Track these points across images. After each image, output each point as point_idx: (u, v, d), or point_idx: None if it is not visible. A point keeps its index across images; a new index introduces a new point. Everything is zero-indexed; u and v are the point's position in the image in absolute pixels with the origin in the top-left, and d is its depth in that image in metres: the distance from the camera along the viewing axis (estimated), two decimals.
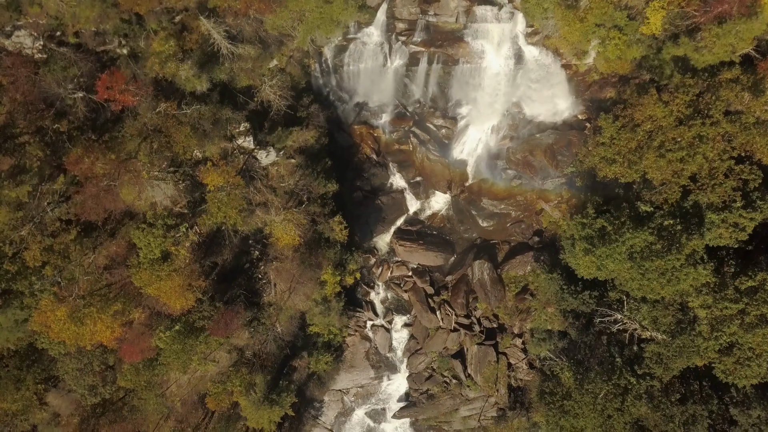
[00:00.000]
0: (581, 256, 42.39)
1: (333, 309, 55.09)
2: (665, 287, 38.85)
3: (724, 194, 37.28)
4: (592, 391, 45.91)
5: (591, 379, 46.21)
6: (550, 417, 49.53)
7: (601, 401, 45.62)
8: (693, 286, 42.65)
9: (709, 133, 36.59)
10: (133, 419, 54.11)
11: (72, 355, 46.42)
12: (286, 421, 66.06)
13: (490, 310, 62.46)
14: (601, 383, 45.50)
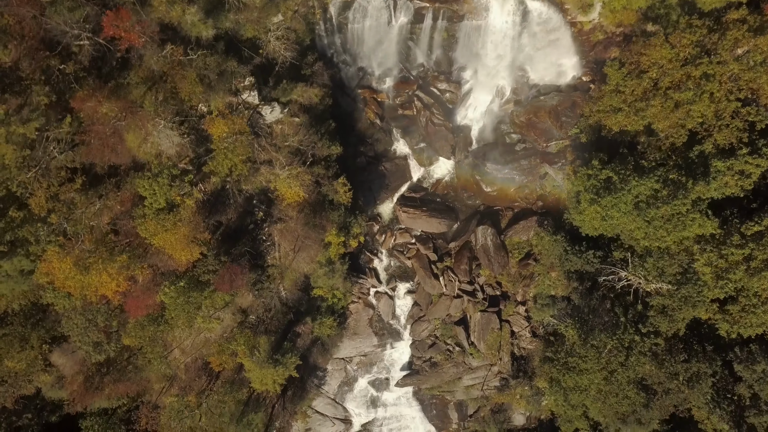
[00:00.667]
0: (586, 207, 42.35)
1: (337, 271, 55.11)
2: (671, 233, 38.86)
3: (731, 135, 37.30)
4: (596, 346, 46.00)
5: (595, 335, 46.24)
6: (554, 375, 49.53)
7: (606, 357, 45.67)
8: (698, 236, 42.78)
9: (716, 71, 36.57)
10: (137, 380, 54.22)
11: (77, 310, 46.44)
12: (290, 388, 66.31)
13: (493, 276, 62.46)
14: (605, 338, 45.55)
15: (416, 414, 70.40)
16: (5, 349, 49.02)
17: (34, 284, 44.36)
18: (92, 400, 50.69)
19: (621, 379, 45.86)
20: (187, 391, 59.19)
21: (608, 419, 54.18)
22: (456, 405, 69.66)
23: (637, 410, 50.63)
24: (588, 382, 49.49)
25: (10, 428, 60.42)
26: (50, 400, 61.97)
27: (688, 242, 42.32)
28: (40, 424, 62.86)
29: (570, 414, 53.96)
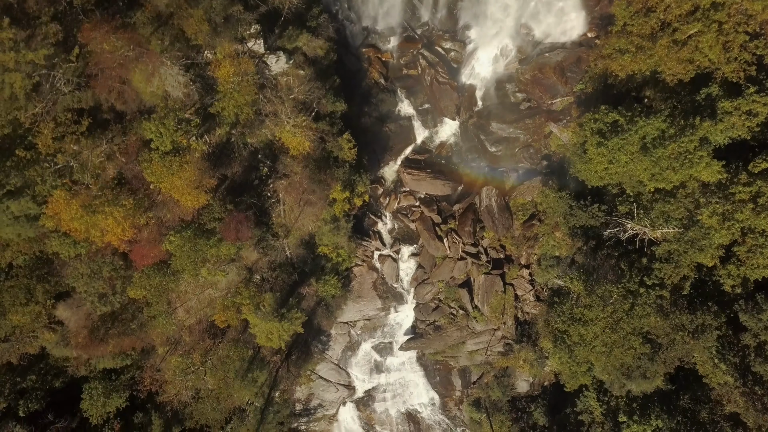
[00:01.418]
0: (593, 152, 42.27)
1: (342, 229, 55.07)
2: (678, 172, 38.83)
3: (739, 68, 37.26)
4: (601, 296, 45.98)
5: (601, 285, 46.25)
6: (560, 326, 49.54)
7: (611, 306, 45.69)
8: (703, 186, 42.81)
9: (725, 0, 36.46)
10: (142, 336, 54.18)
11: (82, 259, 46.41)
12: (294, 352, 66.39)
13: (497, 239, 62.44)
14: (610, 287, 45.55)
15: (419, 380, 70.45)
16: (10, 302, 48.93)
17: (40, 232, 44.25)
18: (97, 352, 50.56)
19: (626, 328, 45.89)
20: (192, 353, 59.26)
21: (612, 376, 54.24)
22: (459, 371, 69.74)
23: (642, 364, 50.66)
24: (593, 335, 49.51)
25: (13, 389, 60.39)
26: (54, 364, 62.08)
27: (694, 185, 42.25)
28: (44, 389, 62.89)
29: (575, 370, 53.97)
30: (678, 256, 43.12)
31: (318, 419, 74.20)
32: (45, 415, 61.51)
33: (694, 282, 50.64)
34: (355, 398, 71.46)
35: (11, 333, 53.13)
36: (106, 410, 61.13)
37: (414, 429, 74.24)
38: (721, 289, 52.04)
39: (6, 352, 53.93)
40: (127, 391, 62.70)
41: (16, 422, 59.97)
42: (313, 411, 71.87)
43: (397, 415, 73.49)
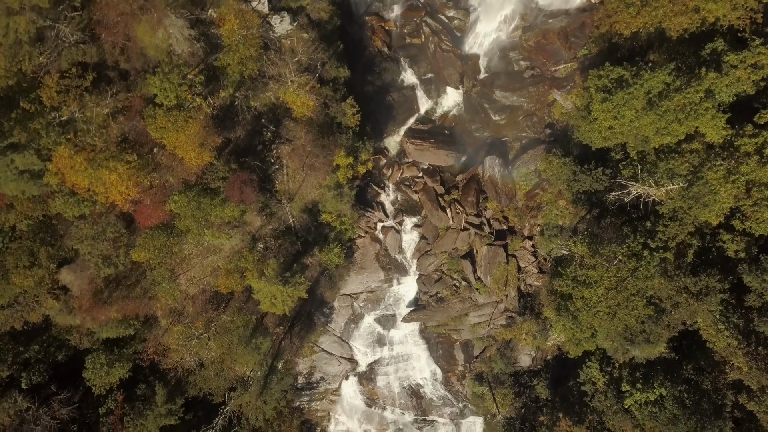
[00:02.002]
0: (597, 108, 42.19)
1: (345, 195, 55.06)
2: (684, 123, 38.77)
3: (745, 16, 37.21)
4: (606, 256, 45.98)
5: (605, 246, 46.27)
6: (564, 290, 49.55)
7: (615, 267, 45.71)
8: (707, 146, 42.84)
9: None
10: (145, 302, 54.22)
11: (86, 219, 46.41)
12: (297, 324, 66.44)
13: (500, 210, 62.41)
14: (615, 248, 45.56)
15: (422, 353, 70.46)
16: (13, 264, 48.99)
17: (44, 190, 44.25)
18: (100, 315, 50.57)
19: (630, 288, 45.89)
20: (195, 323, 59.29)
21: (616, 343, 54.31)
22: (462, 345, 69.76)
23: (645, 328, 50.69)
24: (596, 298, 49.48)
25: (17, 359, 60.37)
26: (57, 336, 62.13)
27: (699, 147, 42.27)
28: (47, 362, 62.94)
29: (578, 336, 53.99)
30: (682, 214, 43.13)
31: (320, 394, 74.31)
32: (48, 386, 61.64)
33: (698, 250, 50.67)
34: (358, 372, 71.56)
35: (15, 299, 53.18)
36: (109, 380, 61.25)
37: (417, 404, 74.34)
38: (725, 255, 52.25)
39: (10, 318, 53.98)
40: (130, 362, 62.85)
41: (19, 392, 60.08)
42: (316, 385, 71.93)
43: (400, 390, 73.58)
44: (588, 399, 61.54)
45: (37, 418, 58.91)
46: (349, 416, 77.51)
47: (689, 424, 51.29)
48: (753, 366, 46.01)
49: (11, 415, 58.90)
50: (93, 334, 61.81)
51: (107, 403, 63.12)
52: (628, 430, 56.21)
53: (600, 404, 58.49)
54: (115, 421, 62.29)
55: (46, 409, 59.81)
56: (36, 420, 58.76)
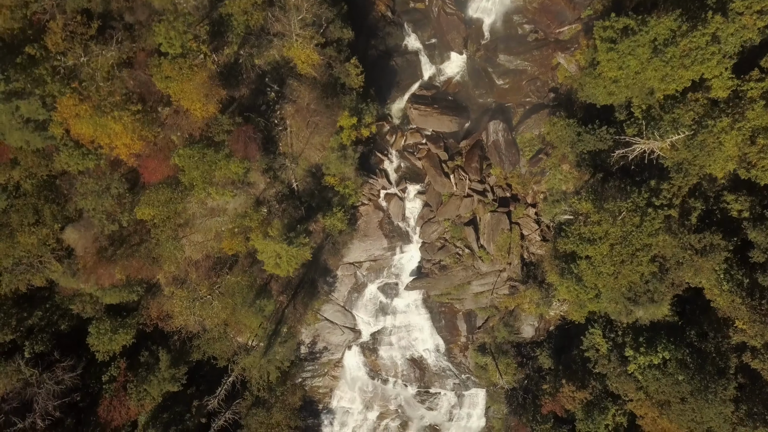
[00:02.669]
0: (603, 57, 42.08)
1: (349, 157, 55.02)
2: (690, 69, 38.71)
3: None
4: (611, 211, 45.97)
5: (609, 202, 46.28)
6: (569, 247, 49.54)
7: (620, 222, 45.71)
8: (712, 102, 42.83)
9: None
10: (149, 264, 54.20)
11: (91, 174, 46.41)
12: (300, 292, 66.40)
13: (503, 176, 62.41)
14: (620, 203, 45.56)
15: (425, 323, 70.43)
16: (18, 221, 48.98)
17: (49, 143, 44.20)
18: (104, 273, 50.53)
19: (635, 243, 45.88)
20: (199, 286, 59.25)
21: (620, 305, 54.29)
22: (465, 315, 69.73)
23: (650, 286, 50.65)
24: (601, 257, 49.49)
25: (20, 325, 60.39)
26: (60, 303, 62.19)
27: (704, 101, 42.26)
28: (50, 331, 63.01)
29: (582, 298, 54.03)
30: (687, 165, 43.13)
31: (323, 367, 74.33)
32: (51, 354, 61.72)
33: (701, 213, 50.70)
34: (361, 342, 71.57)
35: (19, 259, 53.10)
36: (113, 347, 61.33)
37: (419, 376, 74.37)
38: (729, 216, 52.28)
39: (14, 280, 53.93)
40: (134, 329, 62.91)
41: (21, 358, 60.14)
42: (319, 355, 71.98)
43: (403, 362, 73.60)
44: (591, 365, 61.58)
45: (41, 382, 58.99)
46: (351, 387, 77.56)
47: (693, 383, 51.34)
48: (757, 320, 46.01)
49: (14, 379, 58.93)
50: (96, 302, 61.92)
51: (110, 371, 63.26)
52: (631, 392, 56.25)
53: (603, 368, 58.54)
54: (118, 388, 62.41)
55: (49, 374, 59.94)
56: (39, 384, 58.85)
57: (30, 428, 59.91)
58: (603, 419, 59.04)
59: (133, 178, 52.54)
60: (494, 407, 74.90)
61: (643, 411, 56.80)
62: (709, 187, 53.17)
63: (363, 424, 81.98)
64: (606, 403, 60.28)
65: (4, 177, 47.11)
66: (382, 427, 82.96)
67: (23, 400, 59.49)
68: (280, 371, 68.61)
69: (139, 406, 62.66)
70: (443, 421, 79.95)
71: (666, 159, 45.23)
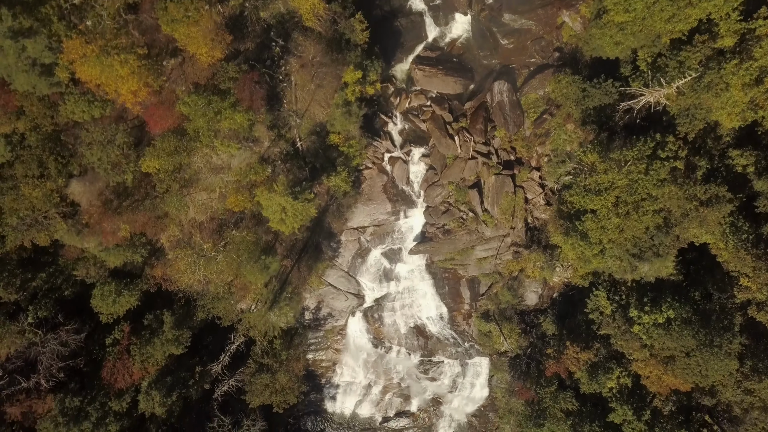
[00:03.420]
0: (609, 1, 42.07)
1: (353, 114, 54.92)
2: (697, 6, 38.59)
3: None
4: (616, 160, 45.96)
5: (615, 151, 46.30)
6: (575, 201, 49.53)
7: (626, 170, 45.72)
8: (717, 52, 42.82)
9: None
10: (154, 219, 54.09)
11: (96, 122, 46.31)
12: (305, 255, 66.36)
13: (508, 138, 62.37)
14: (626, 151, 45.58)
15: (428, 289, 70.41)
16: (22, 173, 48.89)
17: (54, 90, 44.07)
18: (109, 225, 50.42)
19: (641, 192, 45.87)
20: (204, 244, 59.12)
21: (624, 262, 54.26)
22: (468, 282, 69.76)
23: (655, 240, 50.65)
24: (606, 210, 49.51)
25: (24, 285, 60.25)
26: (64, 266, 62.11)
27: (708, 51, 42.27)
28: (54, 297, 62.94)
29: (587, 254, 53.98)
30: (694, 110, 43.12)
31: (327, 335, 74.36)
32: (55, 318, 61.66)
33: (706, 172, 50.72)
34: (364, 308, 71.58)
35: (24, 216, 52.92)
36: (117, 309, 61.25)
37: (423, 344, 74.41)
38: (734, 172, 52.32)
39: (19, 235, 53.77)
40: (138, 291, 62.83)
41: (25, 318, 60.08)
42: (323, 321, 72.02)
43: (406, 329, 73.62)
44: (596, 327, 61.69)
45: (45, 342, 58.97)
46: (354, 358, 77.58)
47: (698, 337, 51.39)
48: (763, 268, 46.02)
49: (19, 339, 58.86)
50: (101, 266, 61.86)
51: (114, 334, 63.20)
52: (636, 350, 56.29)
53: (608, 328, 58.60)
54: (122, 351, 62.36)
55: (53, 335, 59.90)
56: (44, 343, 58.82)
57: (34, 389, 60.00)
58: (608, 379, 59.07)
59: (139, 135, 52.47)
60: (498, 376, 74.94)
61: (648, 370, 56.85)
62: (714, 145, 53.25)
63: (365, 398, 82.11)
64: (610, 364, 60.32)
65: (9, 127, 47.01)
66: (385, 402, 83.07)
67: (27, 360, 59.54)
68: (284, 335, 68.69)
69: (143, 369, 62.58)
70: (446, 392, 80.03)
71: (672, 107, 45.20)
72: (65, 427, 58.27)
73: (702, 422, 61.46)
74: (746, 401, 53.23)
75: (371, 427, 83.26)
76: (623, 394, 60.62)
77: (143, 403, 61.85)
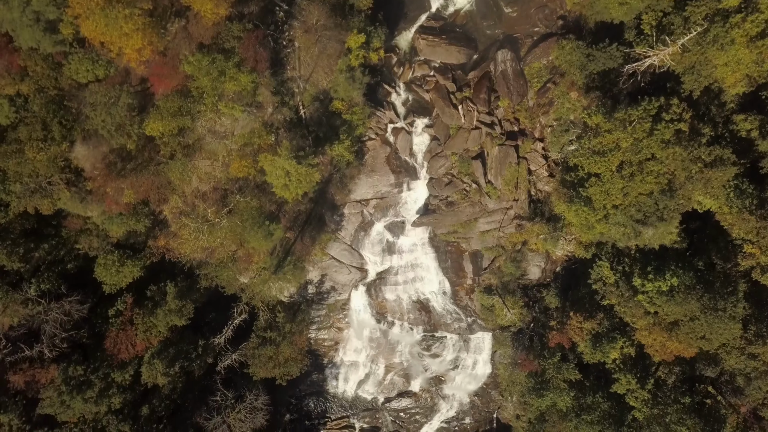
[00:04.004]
0: None
1: (357, 80, 54.86)
2: None
3: None
4: (621, 119, 45.97)
5: (619, 110, 46.30)
6: (580, 161, 49.51)
7: (631, 128, 45.72)
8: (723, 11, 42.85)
9: None
10: (158, 185, 54.04)
11: (101, 84, 46.24)
12: (308, 227, 66.24)
13: (511, 109, 62.26)
14: (631, 110, 45.57)
15: (431, 263, 70.35)
16: (27, 135, 48.81)
17: (59, 48, 43.95)
18: (113, 186, 50.30)
19: (646, 151, 45.86)
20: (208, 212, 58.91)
21: (628, 228, 54.21)
22: (471, 256, 69.70)
23: (659, 204, 50.60)
24: (611, 174, 49.52)
25: (27, 255, 60.06)
26: (67, 238, 62.06)
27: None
28: (56, 270, 62.88)
29: (591, 221, 54.02)
30: (699, 66, 43.09)
31: (330, 310, 74.39)
32: (58, 289, 61.58)
33: (710, 139, 50.70)
34: (367, 281, 71.57)
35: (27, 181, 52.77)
36: (120, 279, 61.21)
37: (425, 319, 74.42)
38: (738, 137, 52.37)
39: (23, 201, 53.65)
40: (141, 261, 62.79)
41: (29, 285, 60.05)
42: (326, 295, 72.00)
43: (409, 304, 73.63)
44: (599, 298, 61.71)
45: (48, 311, 58.92)
46: (358, 334, 77.58)
47: (703, 301, 51.40)
48: (767, 229, 46.02)
49: (22, 308, 58.79)
50: (103, 237, 61.84)
51: (117, 305, 63.16)
52: (640, 317, 56.29)
53: (611, 296, 58.63)
54: (125, 322, 62.30)
55: (56, 305, 59.84)
56: (47, 312, 58.76)
57: (38, 358, 59.97)
58: (612, 348, 59.08)
59: (143, 101, 52.30)
60: (500, 351, 74.95)
61: (652, 338, 56.77)
62: (718, 112, 53.28)
63: (368, 379, 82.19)
64: (614, 334, 60.34)
65: (13, 89, 46.96)
66: (387, 382, 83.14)
67: (31, 329, 59.49)
68: (287, 309, 68.72)
69: (146, 340, 62.51)
70: (448, 370, 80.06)
71: (676, 66, 45.19)
72: (68, 396, 58.19)
73: (705, 393, 61.62)
74: (750, 366, 53.25)
75: (373, 407, 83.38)
76: (627, 364, 60.70)
77: (146, 373, 61.78)
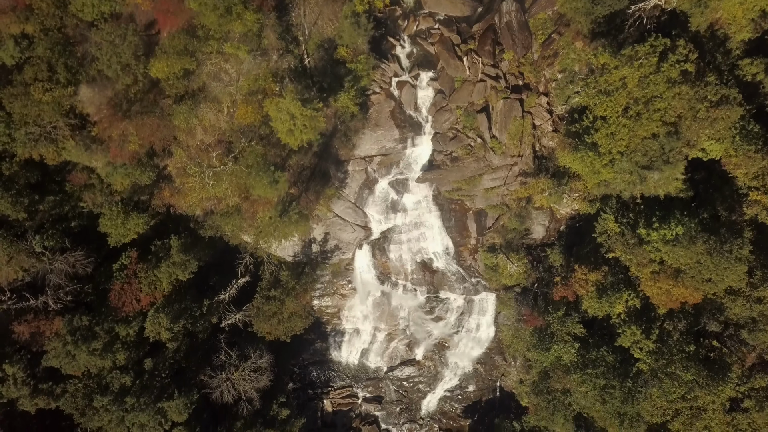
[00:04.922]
0: None
1: (362, 26, 54.74)
2: None
3: None
4: (628, 55, 45.98)
5: (626, 47, 46.31)
6: (587, 102, 49.50)
7: (638, 63, 45.71)
8: None
9: None
10: (163, 128, 53.92)
11: (108, 21, 46.13)
12: (312, 182, 66.15)
13: (516, 63, 62.12)
14: (638, 46, 45.63)
15: (435, 221, 70.23)
16: (32, 75, 48.70)
17: None
18: (118, 127, 50.19)
19: (652, 89, 45.81)
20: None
21: (633, 175, 54.19)
22: (475, 215, 69.61)
23: (665, 147, 50.58)
24: (617, 115, 49.51)
25: (30, 208, 59.82)
26: (71, 193, 62.03)
27: None
28: (60, 228, 62.84)
29: (596, 166, 54.01)
30: None
31: (335, 269, 74.51)
32: (63, 243, 61.52)
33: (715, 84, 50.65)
34: (372, 240, 71.52)
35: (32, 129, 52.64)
36: (125, 233, 61.25)
37: (429, 279, 74.44)
38: (744, 81, 52.36)
39: (28, 148, 53.53)
40: (146, 214, 62.84)
41: (35, 233, 60.01)
42: (330, 254, 71.95)
43: (412, 264, 73.62)
44: (604, 251, 61.71)
45: (53, 261, 58.93)
46: (362, 299, 77.62)
47: (708, 243, 51.38)
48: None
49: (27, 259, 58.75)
50: (108, 192, 61.85)
51: (121, 259, 63.16)
52: (646, 263, 56.23)
53: (616, 245, 58.61)
54: (129, 275, 62.31)
55: (60, 257, 59.82)
56: (52, 262, 58.78)
57: (42, 309, 60.00)
58: (617, 300, 59.05)
59: (148, 45, 52.11)
60: (504, 312, 74.96)
61: (657, 287, 56.71)
62: (724, 60, 53.33)
63: (371, 346, 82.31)
64: (619, 286, 60.28)
65: (18, 28, 46.89)
66: (390, 349, 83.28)
67: (36, 279, 59.51)
68: (292, 269, 68.80)
69: (150, 294, 62.55)
70: (451, 334, 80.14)
71: (683, 3, 45.15)
72: (74, 346, 58.20)
73: (710, 347, 61.64)
74: (756, 310, 53.21)
75: (377, 376, 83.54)
76: (631, 317, 60.67)
77: (150, 327, 61.83)
